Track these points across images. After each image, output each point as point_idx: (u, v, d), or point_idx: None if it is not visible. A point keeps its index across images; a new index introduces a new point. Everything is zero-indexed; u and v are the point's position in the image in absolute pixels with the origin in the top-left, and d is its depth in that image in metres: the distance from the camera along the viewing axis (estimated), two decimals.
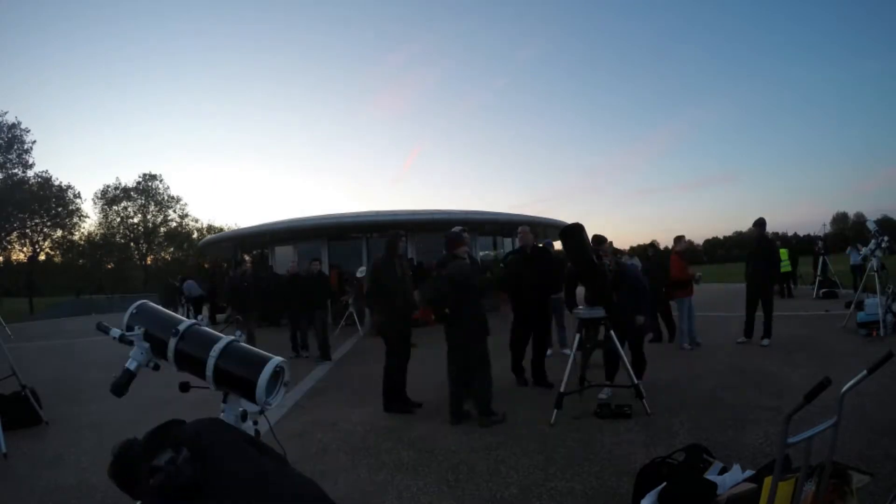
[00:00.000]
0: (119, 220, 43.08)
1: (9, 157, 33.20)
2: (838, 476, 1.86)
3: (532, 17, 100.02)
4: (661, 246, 8.35)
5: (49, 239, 37.79)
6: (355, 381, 6.43)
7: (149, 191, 43.89)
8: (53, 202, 35.78)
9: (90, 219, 41.27)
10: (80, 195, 37.48)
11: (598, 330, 4.69)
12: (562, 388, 4.31)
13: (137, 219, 43.84)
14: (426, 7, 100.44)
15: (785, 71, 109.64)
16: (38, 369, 7.69)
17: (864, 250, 7.67)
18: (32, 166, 34.38)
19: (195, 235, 44.49)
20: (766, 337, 7.00)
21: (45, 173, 35.44)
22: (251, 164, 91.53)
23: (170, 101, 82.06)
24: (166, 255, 46.92)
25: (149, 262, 45.08)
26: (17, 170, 33.80)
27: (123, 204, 43.14)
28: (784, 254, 13.59)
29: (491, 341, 4.55)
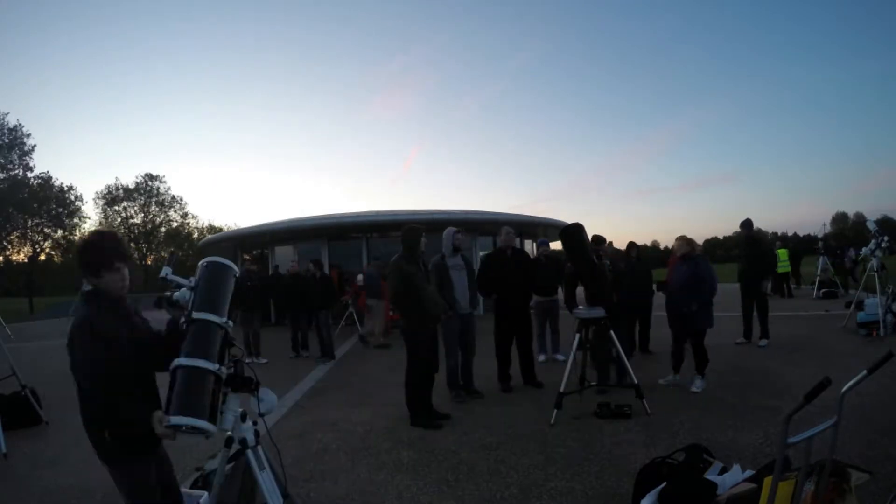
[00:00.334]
0: (119, 220, 43.09)
1: (10, 159, 33.27)
2: (837, 474, 1.86)
3: (532, 17, 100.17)
4: (662, 246, 8.19)
5: (49, 239, 37.79)
6: (355, 381, 6.43)
7: (150, 191, 43.93)
8: (54, 203, 35.79)
9: (90, 219, 41.30)
10: (82, 197, 37.57)
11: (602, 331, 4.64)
12: (562, 388, 4.30)
13: (138, 219, 43.87)
14: (427, 8, 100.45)
15: (785, 71, 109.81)
16: (38, 369, 7.71)
17: (865, 250, 7.65)
18: (33, 169, 34.48)
19: (195, 235, 44.49)
20: (764, 337, 7.00)
21: (46, 174, 35.54)
22: (251, 164, 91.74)
23: (171, 102, 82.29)
24: (167, 256, 46.84)
25: (149, 262, 45.04)
26: (17, 171, 33.88)
27: (124, 204, 43.18)
28: (783, 254, 13.61)
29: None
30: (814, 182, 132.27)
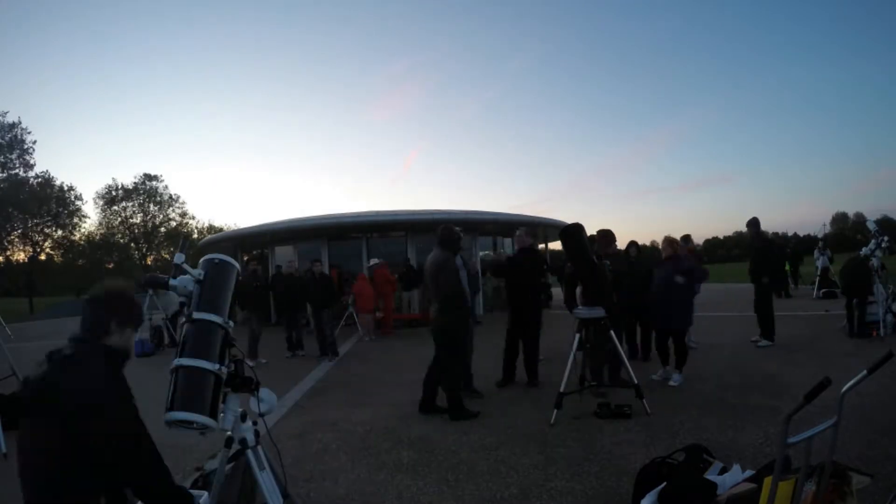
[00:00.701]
0: (119, 220, 43.09)
1: (10, 158, 33.25)
2: (838, 476, 1.86)
3: (532, 18, 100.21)
4: (662, 246, 8.13)
5: (49, 239, 37.80)
6: (355, 381, 6.43)
7: (149, 191, 43.91)
8: (54, 203, 35.79)
9: (90, 219, 41.30)
10: (82, 196, 37.57)
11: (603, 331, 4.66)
12: (562, 388, 4.30)
13: (138, 219, 43.86)
14: (428, 9, 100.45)
15: (785, 71, 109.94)
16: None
17: (865, 250, 7.65)
18: (33, 167, 34.47)
19: (195, 235, 44.47)
20: (765, 338, 6.99)
21: (46, 174, 35.53)
22: (251, 164, 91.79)
23: (172, 102, 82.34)
24: (166, 255, 46.88)
25: (149, 262, 45.02)
26: (18, 170, 33.88)
27: (123, 204, 43.15)
28: None
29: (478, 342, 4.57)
30: (814, 182, 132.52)
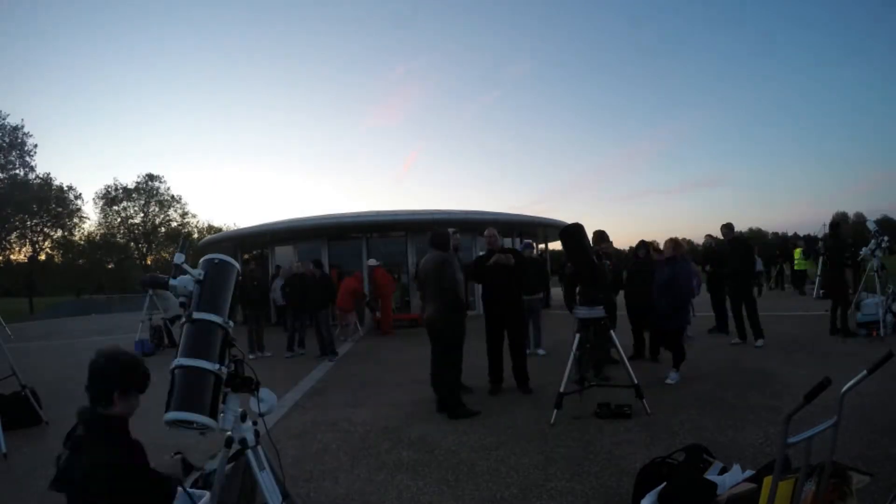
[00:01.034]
0: (119, 220, 43.10)
1: (10, 159, 33.28)
2: (838, 476, 1.86)
3: (531, 19, 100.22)
4: (662, 247, 8.10)
5: (49, 239, 37.80)
6: (355, 381, 6.43)
7: (149, 191, 43.91)
8: (54, 203, 35.79)
9: (90, 219, 41.35)
10: (82, 197, 37.59)
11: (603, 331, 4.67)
12: (561, 388, 4.30)
13: (138, 219, 43.87)
14: (428, 10, 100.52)
15: (784, 71, 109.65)
16: (38, 369, 7.69)
17: (864, 250, 7.66)
18: (34, 169, 34.50)
19: (196, 235, 44.47)
20: (759, 338, 7.00)
21: (46, 174, 35.55)
22: (251, 164, 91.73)
23: (173, 102, 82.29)
24: (166, 255, 46.89)
25: (149, 261, 45.03)
26: (18, 171, 33.90)
27: (124, 204, 43.16)
28: (798, 253, 14.44)
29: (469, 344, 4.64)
30: (813, 182, 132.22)
